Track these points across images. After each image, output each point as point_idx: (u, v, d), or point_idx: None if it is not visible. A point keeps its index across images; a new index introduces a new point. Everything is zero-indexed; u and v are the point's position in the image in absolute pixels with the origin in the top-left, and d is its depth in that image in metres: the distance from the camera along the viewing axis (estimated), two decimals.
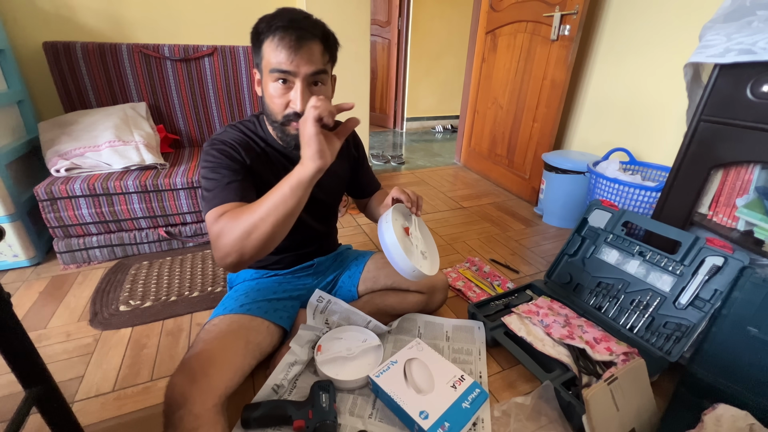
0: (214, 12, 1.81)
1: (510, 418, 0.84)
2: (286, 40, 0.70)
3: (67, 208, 1.29)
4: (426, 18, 3.59)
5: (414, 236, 0.83)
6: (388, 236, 0.76)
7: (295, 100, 0.73)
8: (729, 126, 0.95)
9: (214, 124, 1.83)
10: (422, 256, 0.84)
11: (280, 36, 0.70)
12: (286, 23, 0.70)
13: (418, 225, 0.87)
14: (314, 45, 0.72)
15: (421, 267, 0.77)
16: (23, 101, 1.50)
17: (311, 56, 0.72)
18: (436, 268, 0.83)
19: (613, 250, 1.13)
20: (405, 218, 0.87)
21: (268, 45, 0.72)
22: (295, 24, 0.71)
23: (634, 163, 1.63)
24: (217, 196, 0.72)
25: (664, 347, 0.95)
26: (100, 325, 1.10)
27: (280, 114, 0.76)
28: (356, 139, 1.03)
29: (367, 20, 1.90)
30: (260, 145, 0.84)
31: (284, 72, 0.71)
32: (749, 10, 0.93)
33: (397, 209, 0.84)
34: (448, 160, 2.97)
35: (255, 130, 0.86)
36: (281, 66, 0.71)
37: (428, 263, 0.85)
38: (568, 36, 1.74)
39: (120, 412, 0.85)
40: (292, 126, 0.77)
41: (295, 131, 0.77)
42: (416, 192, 0.85)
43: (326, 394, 0.81)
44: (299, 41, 0.70)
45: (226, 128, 0.84)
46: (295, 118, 0.75)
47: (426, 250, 0.86)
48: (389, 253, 0.76)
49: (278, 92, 0.74)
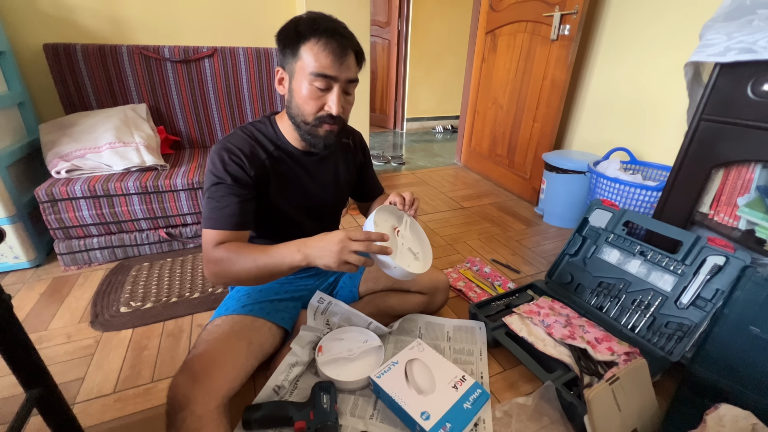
0: (214, 13, 1.81)
1: (511, 419, 0.84)
2: (333, 46, 0.72)
3: (68, 210, 1.29)
4: (426, 18, 3.59)
5: (403, 236, 0.83)
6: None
7: (332, 104, 0.75)
8: (730, 125, 0.95)
9: (214, 126, 1.83)
10: (412, 256, 0.83)
11: (326, 41, 0.72)
12: (330, 30, 0.72)
13: (410, 225, 0.86)
14: (352, 54, 0.76)
15: (409, 266, 0.76)
16: (24, 103, 1.50)
17: (350, 64, 0.75)
18: (427, 267, 0.82)
19: (614, 249, 1.13)
20: (397, 219, 0.86)
21: (311, 48, 0.72)
22: (339, 32, 0.73)
23: (634, 162, 1.63)
24: (214, 220, 0.76)
25: (666, 347, 0.95)
26: (101, 326, 1.10)
27: (312, 115, 0.77)
28: (363, 143, 1.04)
29: (367, 21, 1.91)
30: (268, 150, 0.84)
31: (328, 77, 0.73)
32: (749, 9, 0.93)
33: (387, 210, 0.83)
34: (448, 161, 2.97)
35: (266, 133, 0.85)
36: (325, 71, 0.72)
37: (419, 263, 0.84)
38: (568, 36, 1.74)
39: (121, 413, 0.85)
40: (323, 128, 0.78)
41: (325, 132, 0.79)
42: (416, 193, 0.85)
43: (327, 395, 0.81)
44: (343, 49, 0.73)
45: (236, 131, 0.84)
46: (328, 120, 0.77)
47: (418, 250, 0.85)
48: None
49: (315, 95, 0.75)
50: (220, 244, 0.75)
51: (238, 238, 0.78)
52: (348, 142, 0.99)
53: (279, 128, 0.86)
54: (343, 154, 0.98)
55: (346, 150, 0.98)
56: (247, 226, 0.80)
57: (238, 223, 0.78)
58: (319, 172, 0.91)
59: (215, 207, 0.77)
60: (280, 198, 0.87)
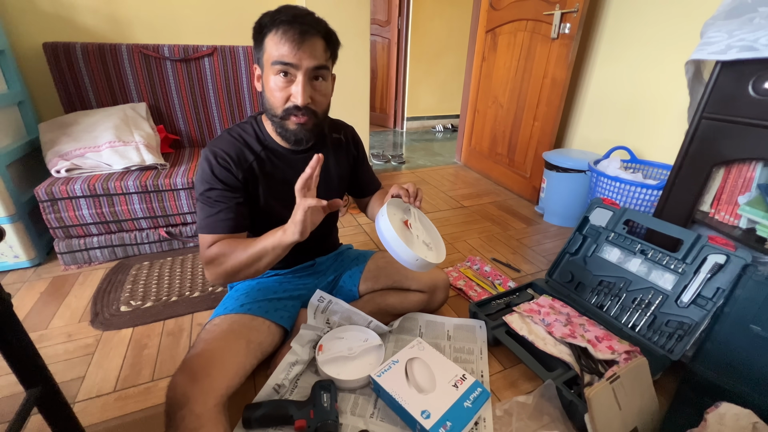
0: (213, 12, 1.80)
1: (512, 417, 0.84)
2: (290, 34, 0.71)
3: (68, 209, 1.29)
4: (426, 17, 3.58)
5: (414, 227, 0.82)
6: (386, 230, 0.74)
7: (296, 93, 0.74)
8: (731, 123, 0.95)
9: (214, 124, 1.83)
10: (426, 247, 0.82)
11: (284, 29, 0.71)
12: (290, 18, 0.71)
13: (419, 217, 0.85)
14: (317, 40, 0.73)
15: (426, 256, 0.75)
16: (23, 102, 1.50)
17: (314, 51, 0.73)
18: (442, 256, 0.82)
19: (615, 248, 1.13)
20: (404, 212, 0.85)
21: (271, 38, 0.72)
22: (299, 19, 0.71)
23: (635, 161, 1.63)
24: (209, 225, 0.78)
25: (667, 346, 0.95)
26: (101, 325, 1.10)
27: (280, 108, 0.76)
28: (356, 137, 1.02)
29: (367, 20, 1.90)
30: (255, 150, 0.83)
31: (286, 64, 0.72)
32: (750, 7, 0.92)
33: (394, 204, 0.83)
34: (448, 160, 2.96)
35: (252, 133, 0.85)
36: (283, 58, 0.71)
37: (433, 253, 0.83)
38: (568, 34, 1.74)
39: (121, 412, 0.85)
40: (291, 120, 0.77)
41: (294, 126, 0.78)
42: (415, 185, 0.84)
43: (327, 393, 0.81)
44: (302, 35, 0.71)
45: (222, 134, 0.84)
46: (295, 111, 0.76)
47: (430, 241, 0.85)
48: (390, 246, 0.74)
49: (279, 85, 0.74)
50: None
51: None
52: (339, 137, 0.97)
53: (264, 127, 0.85)
54: (335, 149, 0.96)
55: (337, 145, 0.97)
56: (241, 229, 0.81)
57: (232, 226, 0.79)
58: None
59: (208, 213, 0.78)
60: (270, 199, 0.86)
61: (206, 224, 0.78)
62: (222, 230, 0.78)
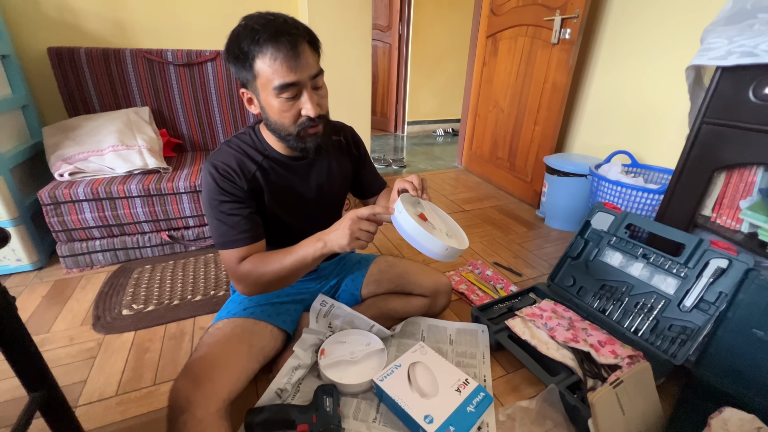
0: (216, 17, 1.82)
1: (515, 422, 0.84)
2: (283, 52, 0.67)
3: (71, 212, 1.29)
4: (426, 22, 3.61)
5: (431, 218, 0.81)
6: (408, 226, 0.71)
7: (307, 108, 0.73)
8: (732, 128, 0.95)
9: (216, 129, 1.84)
10: (447, 236, 0.80)
11: (274, 49, 0.67)
12: (272, 33, 0.67)
13: (431, 208, 0.85)
14: (305, 47, 0.70)
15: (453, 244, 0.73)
16: (27, 106, 1.51)
17: (308, 59, 0.71)
18: (466, 242, 0.81)
19: (617, 252, 1.13)
20: (414, 206, 0.84)
21: (263, 62, 0.68)
22: (281, 30, 0.67)
23: (636, 165, 1.63)
24: (230, 241, 0.78)
25: (669, 350, 0.95)
26: (103, 329, 1.10)
27: (293, 126, 0.75)
28: (355, 137, 1.01)
29: (369, 25, 1.92)
30: (257, 160, 0.82)
31: (290, 85, 0.70)
32: (750, 13, 0.93)
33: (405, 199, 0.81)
34: (449, 164, 2.97)
35: (251, 144, 0.84)
36: (287, 80, 0.69)
37: (456, 240, 0.81)
38: (569, 39, 1.75)
39: (123, 416, 0.85)
40: (308, 132, 0.76)
41: (311, 137, 0.77)
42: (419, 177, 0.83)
43: (330, 398, 0.80)
44: (293, 49, 0.68)
45: (221, 147, 0.83)
46: (309, 123, 0.75)
47: (448, 230, 0.84)
48: (415, 241, 0.71)
49: (287, 106, 0.73)
50: (241, 260, 0.78)
51: (256, 250, 0.80)
52: (339, 139, 0.97)
53: (263, 137, 0.85)
54: (336, 151, 0.95)
55: (338, 147, 0.96)
56: (259, 237, 0.81)
57: (251, 236, 0.79)
58: (311, 174, 0.90)
59: (223, 228, 0.77)
60: (276, 207, 0.86)
61: (227, 240, 0.77)
62: (244, 243, 0.78)
